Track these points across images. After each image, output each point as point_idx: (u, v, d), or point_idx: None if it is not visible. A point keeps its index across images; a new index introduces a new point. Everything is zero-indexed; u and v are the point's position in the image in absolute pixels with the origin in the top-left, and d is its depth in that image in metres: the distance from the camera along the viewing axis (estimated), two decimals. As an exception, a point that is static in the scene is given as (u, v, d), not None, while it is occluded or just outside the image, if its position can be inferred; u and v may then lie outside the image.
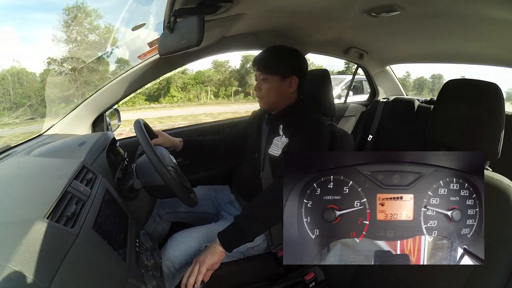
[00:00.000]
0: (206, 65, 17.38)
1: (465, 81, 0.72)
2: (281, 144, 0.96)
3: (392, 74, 2.15)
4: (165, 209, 1.07)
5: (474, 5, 0.87)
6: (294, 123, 0.95)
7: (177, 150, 1.07)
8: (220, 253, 0.79)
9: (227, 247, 0.79)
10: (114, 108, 1.16)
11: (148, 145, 0.73)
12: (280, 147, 0.96)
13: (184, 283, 0.76)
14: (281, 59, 0.96)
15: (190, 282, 0.75)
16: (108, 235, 0.52)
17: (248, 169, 1.05)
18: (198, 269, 0.76)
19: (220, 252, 0.79)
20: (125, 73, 1.09)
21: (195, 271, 0.76)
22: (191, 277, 0.76)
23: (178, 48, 0.72)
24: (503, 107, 0.64)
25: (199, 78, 16.69)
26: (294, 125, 0.95)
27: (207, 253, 0.78)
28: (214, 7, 0.75)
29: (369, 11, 0.98)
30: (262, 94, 0.98)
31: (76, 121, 1.07)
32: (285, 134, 0.96)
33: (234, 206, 1.06)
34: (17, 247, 0.36)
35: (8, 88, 12.50)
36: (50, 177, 0.58)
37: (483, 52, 1.37)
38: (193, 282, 0.75)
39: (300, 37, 1.35)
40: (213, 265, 0.78)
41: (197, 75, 16.73)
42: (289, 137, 0.95)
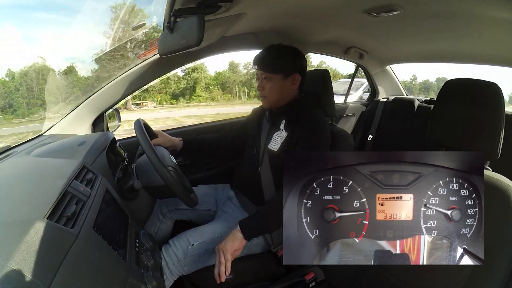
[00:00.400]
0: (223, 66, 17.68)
1: (465, 81, 0.72)
2: (280, 139, 0.96)
3: (392, 74, 2.15)
4: (168, 207, 1.08)
5: (474, 5, 0.87)
6: (297, 119, 0.95)
7: (177, 149, 1.07)
8: (240, 239, 0.81)
9: (246, 235, 0.81)
10: (114, 108, 1.16)
11: (148, 145, 0.73)
12: (279, 141, 0.96)
13: (217, 274, 0.78)
14: (283, 58, 0.96)
15: (221, 271, 0.78)
16: (108, 235, 0.52)
17: (247, 165, 1.05)
18: (224, 258, 0.79)
19: (240, 239, 0.81)
20: (125, 73, 1.09)
21: (222, 260, 0.78)
22: (221, 267, 0.78)
23: (178, 48, 0.72)
24: (503, 107, 0.64)
25: (220, 79, 16.97)
26: (295, 120, 0.95)
27: (227, 240, 0.81)
28: (214, 7, 0.75)
29: (369, 11, 0.98)
30: (266, 93, 0.98)
31: (76, 121, 1.07)
32: (285, 129, 0.96)
33: (232, 203, 1.05)
34: (17, 247, 0.36)
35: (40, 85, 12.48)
36: (50, 177, 0.58)
37: (483, 52, 1.37)
38: (224, 270, 0.78)
39: (300, 37, 1.35)
40: (235, 252, 0.80)
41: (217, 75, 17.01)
42: (289, 132, 0.95)
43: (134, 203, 0.78)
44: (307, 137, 0.91)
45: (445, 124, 0.72)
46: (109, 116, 1.18)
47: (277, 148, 0.95)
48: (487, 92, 0.66)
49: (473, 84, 0.70)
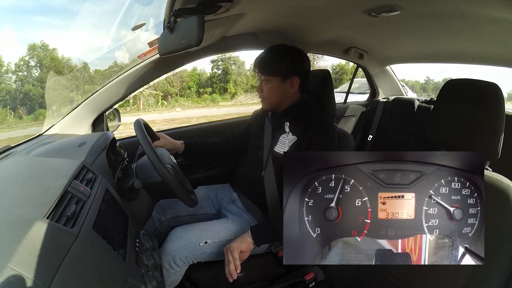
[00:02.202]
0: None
1: (465, 81, 0.72)
2: (288, 142, 0.96)
3: (392, 74, 2.15)
4: (166, 215, 1.06)
5: (474, 5, 0.87)
6: (303, 121, 0.95)
7: (178, 152, 1.08)
8: (249, 243, 0.84)
9: (256, 240, 0.84)
10: (114, 108, 1.16)
11: (147, 143, 0.73)
12: (288, 145, 0.95)
13: (228, 273, 0.81)
14: (281, 60, 0.95)
15: (231, 269, 0.80)
16: (108, 235, 0.51)
17: (251, 168, 1.04)
18: (231, 256, 0.82)
19: (249, 242, 0.84)
20: (125, 73, 1.09)
21: (230, 259, 0.81)
22: (230, 265, 0.81)
23: (178, 48, 0.72)
24: (503, 107, 0.64)
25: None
26: (303, 123, 0.94)
27: (236, 240, 0.85)
28: (214, 7, 0.75)
29: (369, 11, 0.98)
30: (264, 95, 0.98)
31: (76, 121, 1.07)
32: (292, 131, 0.96)
33: (236, 205, 1.05)
34: (17, 247, 0.35)
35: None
36: (50, 177, 0.57)
37: (483, 52, 1.37)
38: (234, 268, 0.80)
39: (300, 37, 1.35)
40: (242, 253, 0.83)
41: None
42: (299, 135, 0.94)
43: (134, 203, 0.77)
44: (319, 140, 0.91)
45: (445, 124, 0.72)
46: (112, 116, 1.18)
47: (285, 151, 0.95)
48: (487, 92, 0.66)
49: (473, 84, 0.70)
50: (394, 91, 2.18)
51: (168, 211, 1.06)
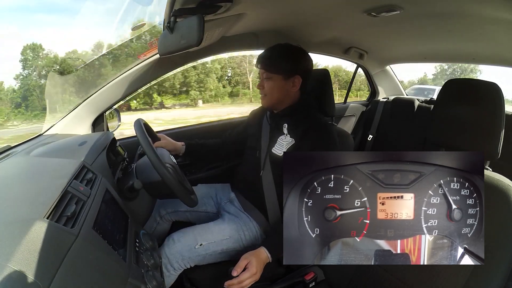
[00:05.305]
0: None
1: (465, 81, 0.72)
2: (286, 144, 0.95)
3: (392, 74, 2.15)
4: (167, 209, 1.07)
5: (474, 5, 0.87)
6: (301, 124, 0.95)
7: (179, 154, 1.08)
8: (265, 259, 0.79)
9: (273, 254, 0.80)
10: (114, 108, 1.16)
11: (147, 143, 0.73)
12: (285, 147, 0.95)
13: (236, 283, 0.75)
14: (285, 58, 0.95)
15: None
16: (108, 235, 0.52)
17: (249, 168, 1.05)
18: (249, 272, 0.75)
19: (264, 259, 0.79)
20: (125, 73, 1.09)
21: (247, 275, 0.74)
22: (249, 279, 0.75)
23: (178, 48, 0.72)
24: (503, 107, 0.64)
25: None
26: (302, 126, 0.94)
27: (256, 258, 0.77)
28: (214, 7, 0.75)
29: (369, 11, 0.98)
30: (265, 92, 0.98)
31: (76, 121, 1.07)
32: (290, 133, 0.96)
33: (234, 205, 1.05)
34: (17, 247, 0.35)
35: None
36: (50, 177, 0.58)
37: (483, 52, 1.37)
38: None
39: (300, 37, 1.35)
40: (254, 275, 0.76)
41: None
42: (296, 138, 0.94)
43: (134, 203, 0.77)
44: (317, 146, 0.91)
45: (445, 124, 0.72)
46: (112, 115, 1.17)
47: (282, 153, 0.95)
48: (487, 92, 0.66)
49: (473, 84, 0.70)
50: (394, 91, 2.18)
51: (169, 205, 1.07)
